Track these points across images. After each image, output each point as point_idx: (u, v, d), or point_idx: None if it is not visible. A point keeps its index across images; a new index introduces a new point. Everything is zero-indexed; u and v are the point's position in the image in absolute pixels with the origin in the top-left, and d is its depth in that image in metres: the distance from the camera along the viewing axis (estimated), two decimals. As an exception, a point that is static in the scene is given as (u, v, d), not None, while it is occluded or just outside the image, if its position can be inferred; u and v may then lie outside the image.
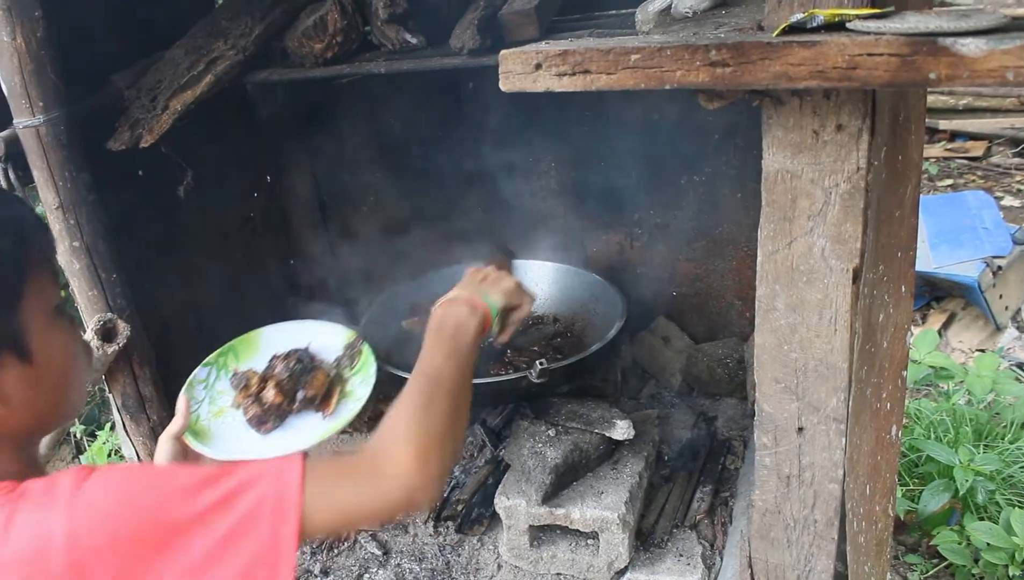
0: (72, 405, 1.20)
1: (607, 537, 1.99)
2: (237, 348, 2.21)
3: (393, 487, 1.18)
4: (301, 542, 1.10)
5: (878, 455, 1.78)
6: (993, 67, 1.00)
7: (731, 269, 2.71)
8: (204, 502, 1.03)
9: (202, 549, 1.01)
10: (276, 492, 1.06)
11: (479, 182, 2.94)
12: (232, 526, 1.02)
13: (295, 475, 1.09)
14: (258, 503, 1.05)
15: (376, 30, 2.24)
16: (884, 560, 1.98)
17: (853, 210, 1.31)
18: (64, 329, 1.15)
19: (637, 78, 1.17)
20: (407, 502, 1.18)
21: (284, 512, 1.05)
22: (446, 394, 1.36)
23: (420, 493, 1.19)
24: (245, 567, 1.02)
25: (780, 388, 1.48)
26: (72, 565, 0.96)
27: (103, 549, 0.97)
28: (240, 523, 1.03)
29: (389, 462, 1.20)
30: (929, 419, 3.46)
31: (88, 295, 2.14)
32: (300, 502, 1.07)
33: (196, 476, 1.06)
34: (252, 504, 1.04)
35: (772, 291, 1.42)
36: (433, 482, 1.21)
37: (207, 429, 1.93)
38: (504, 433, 2.37)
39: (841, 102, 1.25)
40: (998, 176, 6.95)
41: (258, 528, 1.04)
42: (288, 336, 2.25)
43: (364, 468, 1.20)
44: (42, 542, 0.96)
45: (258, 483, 1.07)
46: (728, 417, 2.52)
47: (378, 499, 1.17)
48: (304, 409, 1.99)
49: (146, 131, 2.15)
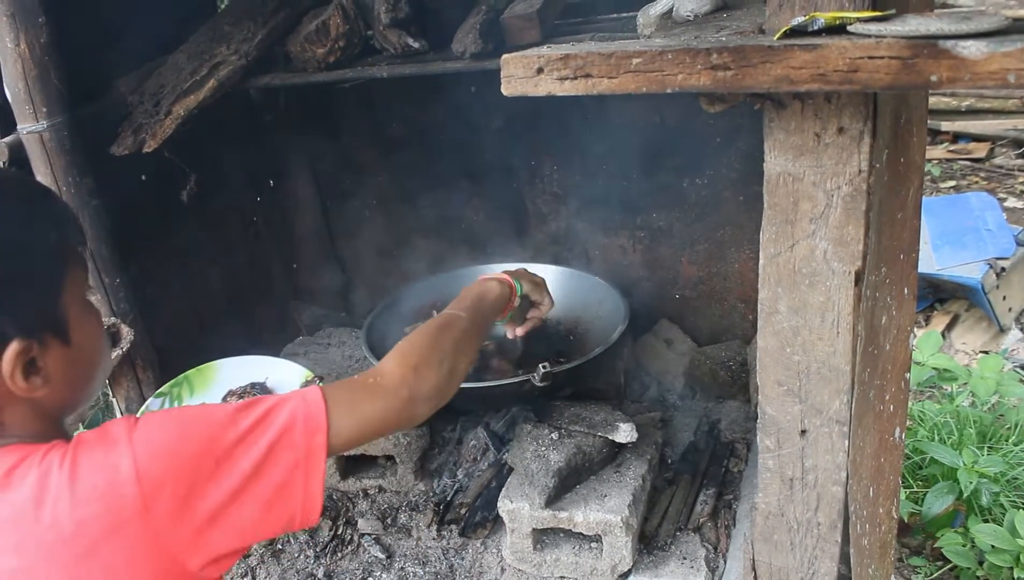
0: (96, 386, 1.29)
1: (610, 540, 1.99)
2: (192, 379, 2.23)
3: (394, 395, 1.34)
4: (331, 454, 1.22)
5: (881, 457, 1.78)
6: (994, 69, 1.00)
7: (734, 271, 2.71)
8: (244, 424, 1.14)
9: (248, 467, 1.11)
10: (305, 408, 1.19)
11: (481, 185, 2.95)
12: (271, 441, 1.14)
13: (317, 394, 1.22)
14: (291, 419, 1.17)
15: (378, 34, 2.24)
16: (888, 562, 1.97)
17: (855, 213, 1.31)
18: (93, 316, 1.24)
19: (639, 82, 1.18)
20: (408, 409, 1.36)
21: (314, 423, 1.18)
22: (453, 331, 1.55)
23: (419, 402, 1.37)
24: (284, 477, 1.14)
25: (783, 391, 1.48)
26: (142, 493, 1.04)
27: (166, 475, 1.06)
28: (277, 438, 1.14)
29: (389, 374, 1.37)
30: (933, 421, 3.45)
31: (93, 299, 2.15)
32: (326, 414, 1.20)
33: (231, 406, 1.17)
34: (286, 420, 1.16)
35: (774, 294, 1.42)
36: (427, 392, 1.38)
37: None
38: (507, 436, 2.37)
39: (842, 105, 1.26)
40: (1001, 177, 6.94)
41: (293, 440, 1.16)
42: (245, 370, 2.26)
43: (371, 383, 1.35)
44: (112, 476, 1.04)
45: (287, 403, 1.18)
46: (731, 420, 2.51)
47: (385, 407, 1.32)
48: None
49: (149, 136, 2.16)
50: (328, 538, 2.28)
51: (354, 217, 3.17)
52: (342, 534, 2.29)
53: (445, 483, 2.36)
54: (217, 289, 2.84)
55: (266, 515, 1.14)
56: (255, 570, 2.24)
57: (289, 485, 1.15)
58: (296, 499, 1.16)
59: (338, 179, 3.12)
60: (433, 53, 2.20)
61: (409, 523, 2.29)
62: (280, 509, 1.15)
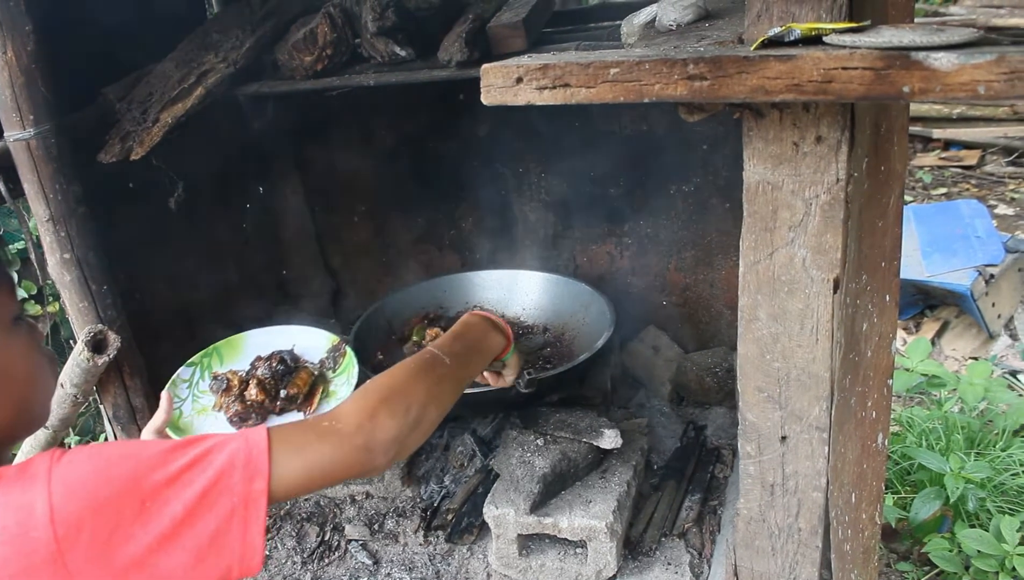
0: (37, 414, 1.21)
1: (595, 546, 1.99)
2: (221, 350, 2.23)
3: (348, 442, 1.22)
4: (272, 503, 1.11)
5: (864, 463, 1.79)
6: (965, 81, 1.01)
7: (720, 278, 2.72)
8: (176, 464, 1.05)
9: (178, 510, 1.03)
10: (246, 450, 1.09)
11: (469, 192, 2.96)
12: (205, 485, 1.05)
13: (262, 435, 1.12)
14: (229, 461, 1.07)
15: (366, 43, 2.26)
16: (872, 568, 1.98)
17: (833, 221, 1.33)
18: (24, 339, 1.17)
19: (616, 92, 1.19)
20: (362, 459, 1.23)
21: (255, 468, 1.09)
22: (430, 376, 1.42)
23: (373, 451, 1.24)
24: (219, 524, 1.04)
25: (763, 397, 1.49)
26: (55, 536, 0.97)
27: (84, 518, 0.98)
28: (213, 481, 1.05)
29: (346, 419, 1.25)
30: (921, 427, 3.47)
31: (79, 307, 2.15)
32: (269, 458, 1.10)
33: (167, 444, 1.08)
34: (224, 463, 1.07)
35: (754, 301, 1.43)
36: (385, 442, 1.26)
37: (190, 425, 1.97)
38: (494, 442, 2.38)
39: (820, 114, 1.27)
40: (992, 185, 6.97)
41: (230, 485, 1.06)
42: (272, 339, 2.27)
43: (324, 426, 1.23)
44: (24, 517, 0.97)
45: (227, 445, 1.09)
46: (717, 426, 2.52)
47: (337, 455, 1.20)
48: (286, 408, 2.01)
49: (137, 144, 2.16)
50: (315, 544, 2.29)
51: (343, 224, 3.18)
52: (329, 540, 2.30)
53: (432, 489, 2.36)
54: (206, 296, 2.84)
55: (198, 564, 1.04)
56: (242, 576, 2.24)
57: (225, 533, 1.05)
58: (233, 549, 1.06)
59: (327, 186, 3.13)
60: (420, 61, 2.22)
61: (396, 529, 2.29)
62: (214, 559, 1.05)
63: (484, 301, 2.83)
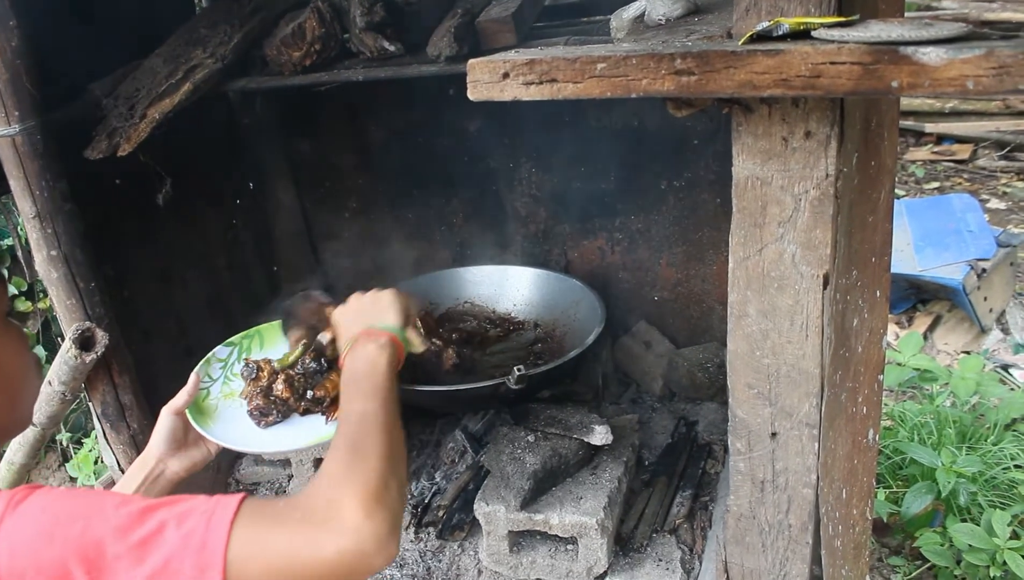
0: (21, 414, 1.21)
1: (586, 542, 1.99)
2: (264, 333, 2.13)
3: (338, 544, 1.04)
4: None
5: (854, 459, 1.78)
6: (953, 76, 1.01)
7: (712, 274, 2.72)
8: (133, 539, 0.99)
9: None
10: (203, 533, 1.00)
11: (460, 188, 2.95)
12: (156, 568, 0.98)
13: (225, 518, 1.01)
14: (183, 544, 0.99)
15: (354, 37, 2.24)
16: (862, 563, 1.98)
17: (822, 216, 1.32)
18: (14, 336, 1.17)
19: (603, 87, 1.18)
20: (359, 561, 1.04)
21: (208, 559, 0.99)
22: (378, 434, 1.25)
23: (372, 552, 1.05)
24: None
25: (753, 394, 1.48)
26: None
27: (27, 575, 0.97)
28: (164, 564, 0.98)
29: (329, 515, 1.06)
30: (913, 421, 3.47)
31: (66, 304, 2.14)
32: (225, 550, 0.99)
33: (125, 509, 1.02)
34: (175, 546, 0.99)
35: (744, 297, 1.42)
36: (384, 537, 1.06)
37: (213, 408, 1.89)
38: (485, 439, 2.37)
39: (809, 109, 1.26)
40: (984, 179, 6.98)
41: (182, 572, 0.98)
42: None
43: (300, 519, 1.06)
44: None
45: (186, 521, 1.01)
46: (709, 421, 2.52)
47: (318, 556, 1.03)
48: (311, 410, 1.94)
49: (124, 140, 2.14)
50: (306, 542, 2.27)
51: (334, 219, 3.17)
52: (320, 538, 2.29)
53: (423, 486, 2.35)
54: (196, 292, 2.83)
55: None
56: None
57: None
58: None
59: (318, 182, 3.12)
60: (409, 56, 2.20)
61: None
62: None
63: (475, 297, 2.82)
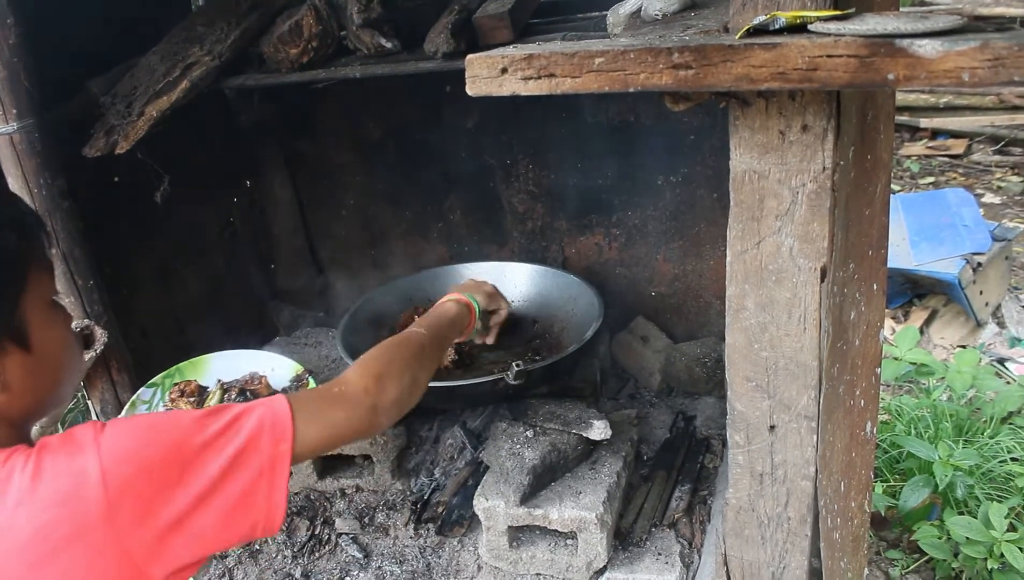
0: (65, 392, 1.28)
1: (585, 537, 2.00)
2: (185, 370, 2.24)
3: (359, 406, 1.38)
4: (296, 462, 1.24)
5: (852, 452, 1.79)
6: (949, 68, 1.01)
7: (709, 268, 2.72)
8: (212, 430, 1.14)
9: (214, 472, 1.12)
10: (271, 416, 1.20)
11: (458, 184, 2.95)
12: (238, 448, 1.14)
13: (284, 403, 1.23)
14: (259, 425, 1.18)
15: (351, 35, 2.24)
16: (861, 556, 1.99)
17: (820, 210, 1.33)
18: (60, 321, 1.24)
19: (601, 81, 1.18)
20: (371, 418, 1.40)
21: (280, 431, 1.20)
22: (412, 345, 1.62)
23: (381, 412, 1.41)
24: (248, 484, 1.14)
25: (751, 386, 1.49)
26: (107, 498, 1.04)
27: (132, 480, 1.06)
28: (245, 445, 1.15)
29: (353, 384, 1.41)
30: (910, 415, 3.48)
31: (65, 302, 2.14)
32: (292, 422, 1.21)
33: (198, 412, 1.18)
34: (253, 427, 1.17)
35: (742, 290, 1.43)
36: (390, 404, 1.44)
37: None
38: (484, 435, 2.38)
39: (806, 103, 1.27)
40: (979, 173, 7.00)
41: (259, 447, 1.17)
42: (236, 363, 2.27)
43: (336, 392, 1.39)
44: (77, 480, 1.04)
45: (254, 411, 1.20)
46: (707, 416, 2.52)
47: (349, 416, 1.36)
48: None
49: (122, 137, 2.15)
50: (306, 538, 2.28)
51: (331, 217, 3.17)
52: (319, 534, 2.29)
53: (422, 482, 2.36)
54: (194, 290, 2.83)
55: (229, 522, 1.14)
56: (232, 571, 2.24)
57: (253, 492, 1.15)
58: (259, 507, 1.16)
59: (315, 179, 3.12)
60: (406, 53, 2.20)
61: (386, 522, 2.29)
62: (243, 516, 1.15)
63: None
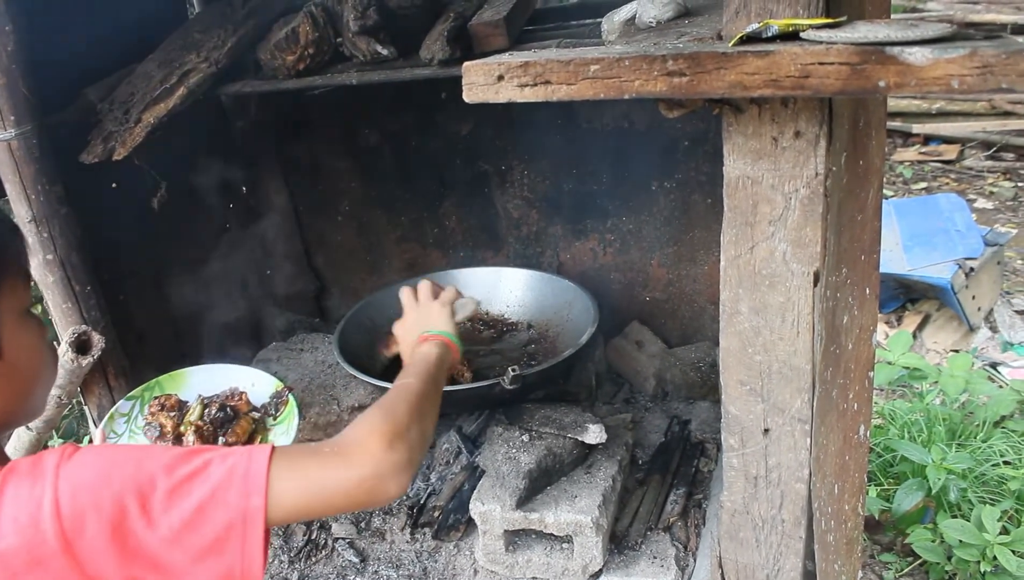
0: (36, 404, 1.26)
1: (581, 540, 2.01)
2: (164, 384, 2.22)
3: (361, 470, 1.19)
4: (273, 527, 1.15)
5: (846, 455, 1.80)
6: (939, 75, 1.03)
7: (703, 273, 2.74)
8: (179, 475, 1.09)
9: (175, 521, 1.07)
10: (245, 466, 1.12)
11: (452, 190, 2.96)
12: (202, 499, 1.08)
13: (264, 454, 1.14)
14: (227, 475, 1.10)
15: (348, 42, 2.26)
16: (855, 559, 2.00)
17: (813, 215, 1.34)
18: (33, 330, 1.21)
19: (596, 88, 1.20)
20: (376, 488, 1.20)
21: (252, 485, 1.10)
22: (410, 396, 1.41)
23: (388, 477, 1.21)
24: (217, 535, 1.08)
25: (745, 390, 1.50)
26: (62, 529, 1.02)
27: (87, 511, 1.04)
28: (210, 495, 1.09)
29: (357, 446, 1.22)
30: (903, 419, 3.50)
31: (62, 308, 2.15)
32: (267, 478, 1.11)
33: (173, 453, 1.13)
34: (221, 477, 1.10)
35: (735, 295, 1.44)
36: (400, 467, 1.22)
37: None
38: (480, 439, 2.38)
39: (799, 109, 1.28)
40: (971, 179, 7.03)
41: (227, 500, 1.09)
42: (216, 377, 2.27)
43: (331, 452, 1.21)
44: (33, 510, 1.03)
45: (228, 458, 1.12)
46: (702, 420, 2.54)
47: (344, 481, 1.18)
48: None
49: (119, 144, 2.16)
50: (302, 543, 2.29)
51: (327, 223, 3.18)
52: (316, 539, 2.30)
53: (418, 486, 2.37)
54: (190, 295, 2.83)
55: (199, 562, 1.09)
56: (229, 576, 2.24)
57: (225, 541, 1.09)
58: (233, 555, 1.10)
59: (310, 185, 3.13)
60: (402, 60, 2.22)
61: (383, 527, 2.29)
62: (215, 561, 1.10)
63: (468, 299, 2.83)
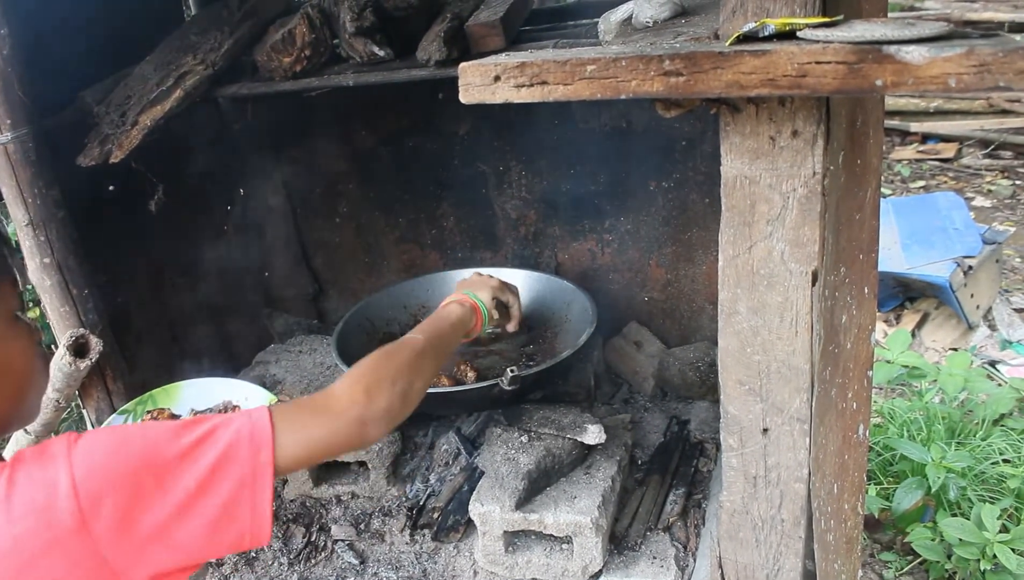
0: (29, 408, 1.26)
1: (581, 541, 2.00)
2: (157, 397, 2.23)
3: (344, 418, 1.32)
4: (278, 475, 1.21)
5: (845, 454, 1.80)
6: (935, 74, 1.03)
7: (701, 273, 2.74)
8: (187, 441, 1.13)
9: (191, 484, 1.10)
10: (250, 426, 1.18)
11: (450, 191, 2.96)
12: (216, 459, 1.13)
13: (264, 413, 1.21)
14: (236, 436, 1.16)
15: (344, 43, 2.26)
16: (855, 558, 2.00)
17: (810, 214, 1.34)
18: (23, 335, 1.22)
19: (593, 88, 1.20)
20: (357, 431, 1.33)
21: (260, 441, 1.17)
22: (408, 352, 1.54)
23: (368, 423, 1.34)
24: (230, 495, 1.13)
25: (744, 390, 1.50)
26: (79, 508, 1.03)
27: (104, 490, 1.05)
28: (223, 455, 1.13)
29: (339, 396, 1.35)
30: (903, 418, 3.50)
31: (60, 311, 2.15)
32: (272, 432, 1.19)
33: (176, 423, 1.16)
34: (231, 438, 1.15)
35: (734, 295, 1.44)
36: (379, 415, 1.36)
37: None
38: (479, 441, 2.38)
39: (796, 109, 1.28)
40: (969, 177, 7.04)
41: (238, 457, 1.15)
42: (210, 391, 2.27)
43: (320, 403, 1.34)
44: (49, 491, 1.04)
45: (233, 422, 1.18)
46: (701, 420, 2.53)
47: (333, 429, 1.30)
48: None
49: (116, 146, 2.16)
50: (301, 545, 2.28)
51: (325, 224, 3.18)
52: (315, 540, 2.30)
53: (417, 488, 2.37)
54: (188, 298, 2.84)
55: (213, 532, 1.13)
56: (229, 578, 2.24)
57: (236, 503, 1.13)
58: (244, 517, 1.15)
59: (308, 187, 3.12)
60: (399, 61, 2.22)
61: (382, 528, 2.29)
62: (227, 527, 1.14)
63: (467, 300, 2.83)
